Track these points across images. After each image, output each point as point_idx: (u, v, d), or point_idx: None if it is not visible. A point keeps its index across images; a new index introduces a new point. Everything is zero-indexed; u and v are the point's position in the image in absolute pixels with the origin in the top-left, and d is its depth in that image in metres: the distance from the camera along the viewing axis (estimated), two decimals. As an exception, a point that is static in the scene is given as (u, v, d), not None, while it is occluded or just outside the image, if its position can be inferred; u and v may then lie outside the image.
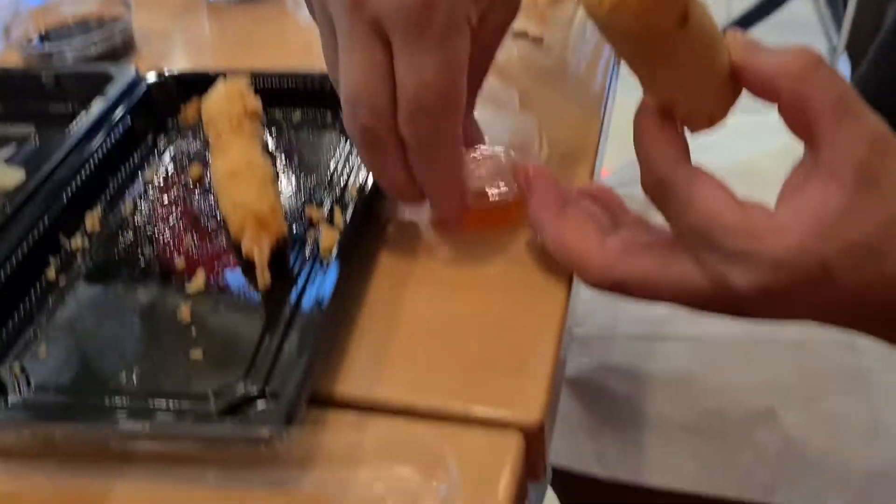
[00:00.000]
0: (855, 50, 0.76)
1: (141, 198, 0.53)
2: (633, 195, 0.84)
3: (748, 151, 0.83)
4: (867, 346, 0.61)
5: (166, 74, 0.60)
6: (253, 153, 0.51)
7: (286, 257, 0.46)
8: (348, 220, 0.47)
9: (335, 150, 0.55)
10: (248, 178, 0.48)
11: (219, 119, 0.54)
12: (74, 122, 0.55)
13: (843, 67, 1.10)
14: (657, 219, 0.41)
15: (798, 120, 0.36)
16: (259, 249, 0.44)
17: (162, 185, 0.54)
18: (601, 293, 0.42)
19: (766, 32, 2.14)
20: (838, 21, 1.79)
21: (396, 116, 0.39)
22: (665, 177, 0.37)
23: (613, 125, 0.63)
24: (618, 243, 0.41)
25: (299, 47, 0.70)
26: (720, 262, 0.36)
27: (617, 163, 0.84)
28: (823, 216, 0.34)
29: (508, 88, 0.59)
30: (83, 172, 0.52)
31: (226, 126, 0.53)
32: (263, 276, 0.44)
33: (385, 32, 0.38)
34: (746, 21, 2.15)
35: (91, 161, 0.53)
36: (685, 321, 0.64)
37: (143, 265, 0.48)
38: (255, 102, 0.55)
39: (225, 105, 0.54)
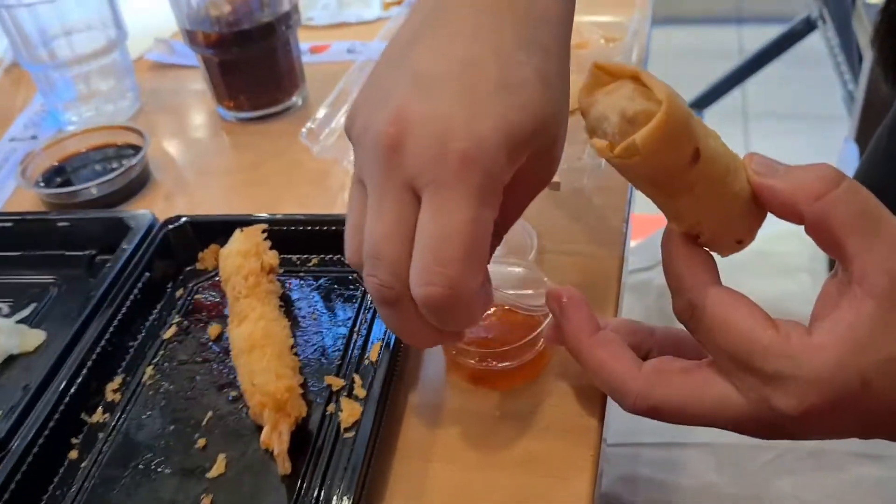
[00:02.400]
0: (862, 139, 0.76)
1: (161, 363, 0.53)
2: (651, 280, 0.83)
3: (759, 233, 0.82)
4: (893, 455, 0.60)
5: (183, 220, 0.60)
6: (269, 319, 0.51)
7: (308, 435, 0.46)
8: (368, 390, 0.47)
9: (353, 300, 0.55)
10: (265, 351, 0.48)
11: (235, 276, 0.54)
12: (93, 281, 0.55)
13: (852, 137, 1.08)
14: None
15: (825, 238, 0.36)
16: (278, 437, 0.44)
17: (181, 346, 0.54)
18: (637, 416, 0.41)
19: (779, 68, 2.13)
20: (849, 55, 1.77)
21: None
22: (696, 301, 0.37)
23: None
24: (653, 369, 0.40)
25: (313, 167, 0.70)
26: (760, 385, 0.36)
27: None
28: (859, 330, 0.34)
29: (527, 229, 0.58)
30: (103, 339, 0.52)
31: (242, 285, 0.53)
32: (284, 465, 0.43)
33: (418, 192, 0.36)
34: (759, 59, 2.14)
35: (111, 325, 0.53)
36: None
37: (163, 445, 0.47)
38: (272, 258, 0.55)
39: (242, 261, 0.54)
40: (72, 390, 0.49)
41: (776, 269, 0.79)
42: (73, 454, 0.47)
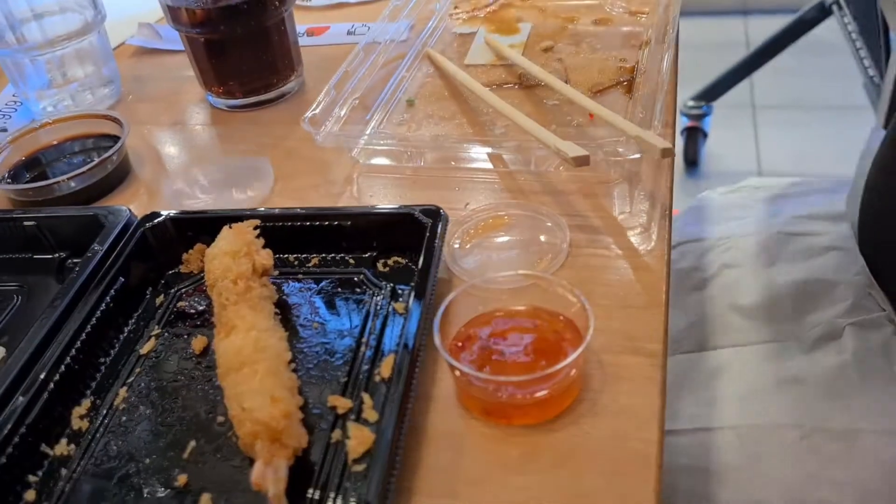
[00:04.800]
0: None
1: (136, 383, 0.45)
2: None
3: (787, 213, 0.76)
4: None
5: (163, 216, 0.52)
6: (262, 329, 0.43)
7: (309, 469, 0.38)
8: (381, 413, 0.39)
9: (360, 306, 0.47)
10: (257, 368, 0.40)
11: (223, 280, 0.46)
12: (59, 289, 0.48)
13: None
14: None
15: None
16: (274, 474, 0.36)
17: (160, 362, 0.46)
18: None
19: (790, 58, 2.05)
20: (869, 41, 1.69)
21: None
22: None
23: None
24: None
25: (313, 156, 0.63)
26: None
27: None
28: None
29: (556, 220, 0.51)
30: (69, 356, 0.44)
31: (230, 290, 0.45)
32: (281, 510, 0.36)
33: None
34: (769, 50, 2.06)
35: (77, 339, 0.45)
36: (732, 410, 0.62)
37: (138, 482, 0.40)
38: (265, 258, 0.47)
39: (230, 262, 0.47)
40: (30, 417, 0.41)
41: (804, 250, 0.73)
42: (30, 495, 0.40)
